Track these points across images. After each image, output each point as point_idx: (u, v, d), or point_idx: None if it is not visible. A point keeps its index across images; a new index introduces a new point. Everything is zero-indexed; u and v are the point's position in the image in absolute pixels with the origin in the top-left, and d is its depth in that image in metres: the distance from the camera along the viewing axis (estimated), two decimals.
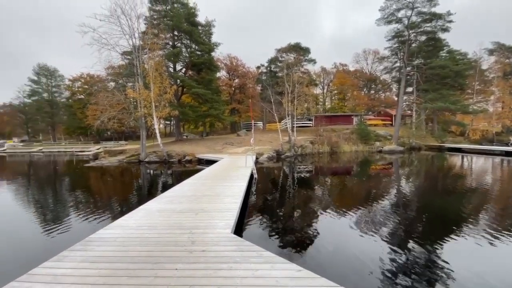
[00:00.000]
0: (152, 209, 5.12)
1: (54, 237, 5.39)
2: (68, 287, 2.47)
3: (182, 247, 3.36)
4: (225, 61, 46.66)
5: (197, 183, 7.90)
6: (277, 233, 5.42)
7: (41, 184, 12.82)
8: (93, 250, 3.28)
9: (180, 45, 29.32)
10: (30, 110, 53.81)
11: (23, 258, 4.39)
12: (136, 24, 19.20)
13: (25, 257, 4.47)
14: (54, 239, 5.31)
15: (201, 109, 29.76)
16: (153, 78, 18.87)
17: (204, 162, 18.02)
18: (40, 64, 52.16)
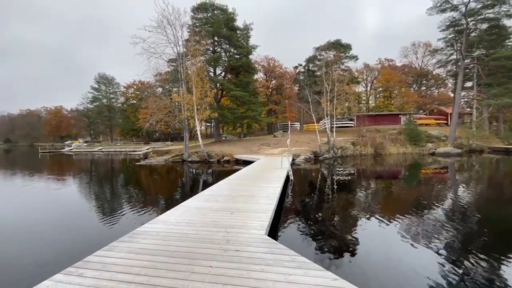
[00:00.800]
0: (191, 207, 5.38)
1: (107, 228, 6.04)
2: (115, 275, 2.72)
3: (217, 245, 3.45)
4: (262, 62, 47.09)
5: (234, 183, 8.08)
6: (313, 238, 5.24)
7: (100, 179, 14.52)
8: (138, 243, 3.57)
9: (220, 50, 30.49)
10: (92, 114, 61.61)
11: (81, 246, 4.99)
12: (180, 33, 20.58)
13: (82, 244, 5.08)
14: (107, 229, 5.95)
15: (239, 111, 30.49)
16: (195, 82, 19.95)
17: (241, 163, 18.38)
18: (100, 73, 59.43)
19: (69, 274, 2.75)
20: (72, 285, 2.56)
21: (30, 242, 5.31)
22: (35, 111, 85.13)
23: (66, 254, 4.54)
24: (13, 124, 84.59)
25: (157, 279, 2.61)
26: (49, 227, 6.35)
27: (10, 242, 5.34)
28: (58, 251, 4.81)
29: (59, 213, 7.68)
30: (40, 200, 9.44)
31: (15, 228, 6.27)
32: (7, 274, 3.95)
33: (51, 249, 4.91)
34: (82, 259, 3.06)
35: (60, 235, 5.80)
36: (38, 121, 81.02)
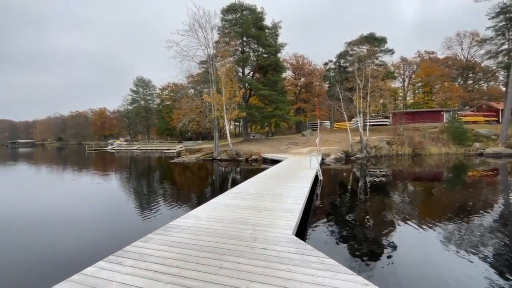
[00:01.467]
0: (220, 203, 5.54)
1: (143, 220, 6.47)
2: (150, 266, 2.92)
3: (244, 242, 3.51)
4: (291, 60, 46.54)
5: (261, 182, 8.13)
6: (343, 240, 5.05)
7: (138, 175, 15.60)
8: (171, 236, 3.78)
9: (248, 50, 30.78)
10: (131, 115, 66.35)
11: (120, 236, 5.42)
12: (210, 35, 21.21)
13: (121, 235, 5.51)
14: (143, 221, 6.37)
15: (267, 110, 30.54)
16: (224, 83, 20.43)
17: (269, 162, 18.40)
18: (138, 77, 63.74)
19: (110, 262, 3.01)
20: (113, 272, 2.79)
21: (76, 231, 5.90)
22: (83, 113, 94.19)
23: (107, 243, 4.97)
24: (64, 124, 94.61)
25: (187, 272, 2.74)
26: (92, 218, 7.00)
27: (58, 231, 5.99)
28: (100, 240, 5.28)
29: (102, 205, 8.43)
30: (85, 193, 10.44)
31: (63, 218, 7.02)
32: (56, 260, 4.44)
33: (94, 238, 5.41)
34: (121, 249, 3.33)
35: (103, 225, 6.36)
36: (85, 121, 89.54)
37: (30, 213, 7.46)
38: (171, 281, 2.58)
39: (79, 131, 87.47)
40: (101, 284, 2.56)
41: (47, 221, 6.72)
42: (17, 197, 9.85)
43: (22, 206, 8.31)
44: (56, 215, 7.31)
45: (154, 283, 2.54)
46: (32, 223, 6.52)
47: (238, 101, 21.50)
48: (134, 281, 2.61)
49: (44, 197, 9.87)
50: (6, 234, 5.77)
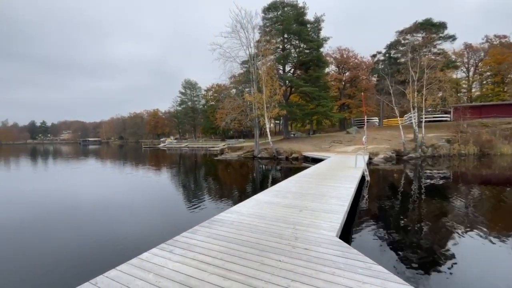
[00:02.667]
0: (261, 201, 5.61)
1: (190, 212, 6.93)
2: (197, 256, 3.11)
3: (286, 240, 3.50)
4: (334, 54, 44.51)
5: (302, 181, 7.97)
6: (392, 247, 4.66)
7: (185, 170, 16.76)
8: (216, 229, 3.97)
9: (289, 47, 30.38)
10: (180, 115, 71.32)
11: (170, 226, 5.88)
12: (251, 35, 21.54)
13: (171, 225, 5.98)
14: (190, 214, 6.82)
15: (308, 107, 29.79)
16: (265, 81, 20.57)
17: (310, 160, 17.94)
18: (186, 79, 68.15)
19: (162, 249, 3.30)
20: (165, 259, 3.05)
21: (133, 219, 6.61)
22: (139, 114, 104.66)
23: (159, 231, 5.45)
24: (124, 124, 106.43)
25: (231, 265, 2.84)
26: (146, 208, 7.76)
27: (119, 219, 6.78)
28: (153, 228, 5.83)
29: (154, 197, 9.28)
30: (140, 186, 11.61)
31: (122, 207, 7.92)
32: (116, 244, 5.03)
33: (148, 226, 5.99)
34: (172, 238, 3.62)
35: (155, 215, 7.00)
36: (141, 121, 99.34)
37: (95, 201, 8.63)
38: (216, 272, 2.71)
39: (137, 130, 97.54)
40: (155, 269, 2.82)
41: (109, 208, 7.69)
42: (85, 188, 11.48)
43: (89, 195, 9.66)
44: (116, 204, 8.30)
45: (200, 273, 2.71)
46: (97, 210, 7.54)
47: (279, 99, 21.43)
48: (183, 268, 2.81)
49: (107, 188, 11.30)
50: (76, 220, 6.77)
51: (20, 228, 6.07)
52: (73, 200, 8.90)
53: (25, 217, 6.98)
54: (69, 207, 7.92)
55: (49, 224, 6.39)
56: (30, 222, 6.52)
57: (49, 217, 6.97)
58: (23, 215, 7.12)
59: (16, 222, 6.54)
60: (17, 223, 6.43)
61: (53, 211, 7.59)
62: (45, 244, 5.14)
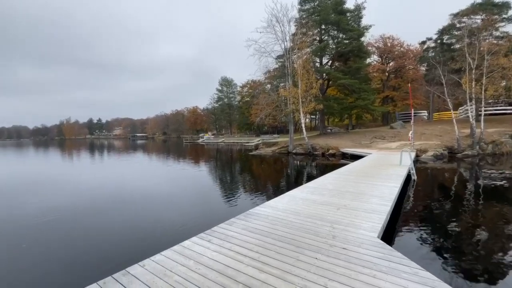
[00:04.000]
0: (296, 197, 5.54)
1: (226, 205, 7.16)
2: (234, 247, 3.21)
3: (322, 238, 3.41)
4: (377, 43, 41.41)
5: (340, 178, 7.66)
6: (441, 252, 4.22)
7: (222, 164, 17.35)
8: (251, 222, 4.04)
9: (327, 38, 29.15)
10: (217, 112, 73.88)
11: (209, 217, 6.15)
12: (287, 28, 21.16)
13: (209, 216, 6.25)
14: (226, 206, 7.05)
15: (347, 100, 28.37)
16: (300, 75, 20.09)
17: (349, 157, 17.13)
18: (222, 77, 70.11)
19: (202, 239, 3.48)
20: (204, 248, 3.21)
21: (174, 209, 7.07)
22: (181, 111, 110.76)
23: (198, 221, 5.75)
24: (167, 121, 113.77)
25: (266, 258, 2.87)
26: (186, 199, 8.23)
27: (162, 207, 7.30)
28: (192, 218, 6.16)
29: (193, 188, 9.80)
30: (181, 177, 12.34)
31: (165, 197, 8.51)
32: (161, 232, 5.43)
33: (188, 217, 6.34)
34: (210, 228, 3.79)
35: (194, 206, 7.39)
36: (182, 118, 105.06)
37: (142, 190, 9.43)
38: (251, 264, 2.76)
39: (178, 126, 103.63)
40: (195, 256, 2.99)
41: (154, 197, 8.33)
42: (134, 178, 12.60)
43: (136, 185, 10.59)
44: (160, 193, 8.97)
45: (236, 263, 2.79)
46: (143, 198, 8.23)
47: (315, 93, 20.76)
48: (220, 258, 2.93)
49: (152, 179, 12.24)
50: (126, 206, 7.48)
51: (79, 213, 6.94)
52: (123, 189, 9.88)
53: (83, 203, 7.96)
54: (119, 195, 8.82)
55: (102, 210, 7.19)
56: (88, 207, 7.42)
57: (102, 203, 7.84)
58: (82, 201, 8.13)
59: (77, 207, 7.49)
60: (78, 209, 7.36)
61: (106, 198, 8.53)
62: (100, 227, 5.80)
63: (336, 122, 53.97)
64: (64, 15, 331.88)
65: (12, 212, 7.08)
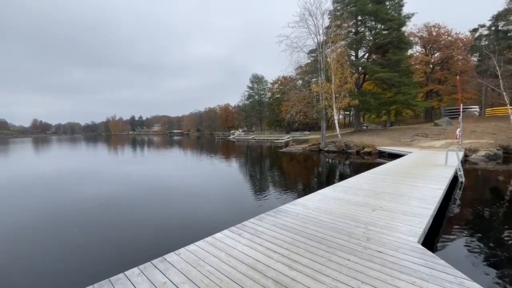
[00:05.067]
0: (328, 196, 5.38)
1: (255, 201, 7.23)
2: (264, 242, 3.25)
3: (356, 239, 3.28)
4: (420, 33, 38.06)
5: (376, 178, 7.25)
6: (490, 262, 3.78)
7: (252, 160, 17.55)
8: (281, 219, 4.04)
9: (364, 29, 27.60)
10: (248, 109, 74.62)
11: (239, 212, 6.28)
12: (321, 21, 20.48)
13: (239, 210, 6.38)
14: (255, 202, 7.13)
15: (385, 95, 26.63)
16: (334, 70, 19.35)
17: (386, 156, 16.13)
18: (253, 74, 70.45)
19: (233, 232, 3.58)
20: (235, 241, 3.30)
21: (206, 202, 7.34)
22: (213, 109, 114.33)
23: (228, 215, 5.92)
24: (201, 118, 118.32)
25: (296, 256, 2.86)
26: (217, 192, 8.50)
27: (194, 201, 7.63)
28: (223, 212, 6.35)
29: (224, 183, 10.08)
30: (212, 172, 12.76)
31: (196, 190, 8.88)
32: (194, 223, 5.68)
33: (219, 210, 6.55)
34: (240, 223, 3.88)
35: (225, 200, 7.61)
36: (215, 115, 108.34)
37: (177, 183, 9.96)
38: (281, 260, 2.77)
39: (211, 123, 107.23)
40: (226, 249, 3.09)
41: (187, 191, 8.76)
42: (169, 171, 13.35)
43: (171, 178, 11.22)
44: (193, 187, 9.39)
45: (266, 258, 2.82)
46: (177, 191, 8.70)
47: (350, 87, 19.83)
48: (250, 252, 2.99)
49: (186, 173, 12.87)
50: (162, 198, 7.97)
51: (122, 201, 7.58)
52: (160, 181, 10.57)
53: (125, 192, 8.68)
54: (157, 187, 9.45)
55: (141, 200, 7.77)
56: (129, 197, 8.07)
57: (142, 194, 8.47)
58: (124, 191, 8.87)
59: (120, 196, 8.20)
60: (121, 198, 8.05)
61: (145, 189, 9.19)
62: (139, 215, 6.28)
63: (372, 119, 50.98)
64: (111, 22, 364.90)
65: (66, 198, 8.00)
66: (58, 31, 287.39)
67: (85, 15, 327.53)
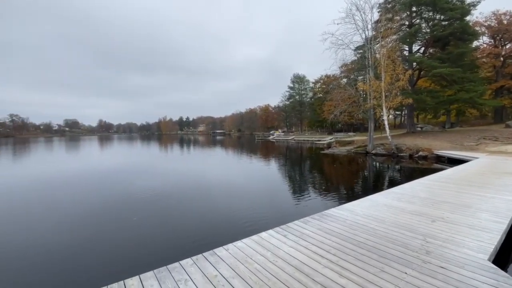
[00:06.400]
0: (379, 202, 5.05)
1: (299, 203, 7.13)
2: (310, 246, 3.20)
3: (413, 252, 3.02)
4: (487, 22, 32.98)
5: (435, 185, 6.54)
6: None
7: (294, 162, 17.36)
8: (327, 223, 3.93)
9: (419, 21, 25.08)
10: (288, 109, 73.99)
11: (282, 213, 6.28)
12: (369, 16, 19.28)
13: (281, 212, 6.37)
14: (299, 204, 7.03)
15: (444, 93, 23.79)
16: (384, 66, 18.00)
17: (445, 161, 14.42)
18: (295, 74, 69.63)
19: (278, 233, 3.62)
20: (280, 242, 3.33)
21: (249, 201, 7.50)
22: (254, 109, 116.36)
23: (272, 216, 5.96)
24: (242, 118, 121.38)
25: (345, 263, 2.76)
26: (259, 193, 8.61)
27: (237, 200, 7.85)
28: (266, 212, 6.41)
29: (266, 183, 10.16)
30: (255, 172, 12.96)
31: (240, 189, 9.12)
32: (238, 221, 5.85)
33: (262, 210, 6.62)
34: (285, 224, 3.89)
35: (267, 200, 7.67)
36: (255, 116, 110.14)
37: (221, 181, 10.39)
38: (329, 266, 2.70)
39: (251, 124, 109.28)
40: (272, 249, 3.14)
41: (231, 189, 9.07)
42: (214, 170, 13.99)
43: (216, 176, 11.73)
44: (236, 186, 9.69)
45: (313, 263, 2.78)
46: (221, 189, 9.06)
47: (402, 85, 18.17)
48: (296, 254, 2.98)
49: (230, 171, 13.32)
50: (208, 195, 8.39)
51: (173, 195, 8.21)
52: (206, 178, 11.17)
53: (175, 187, 9.38)
54: (204, 183, 10.01)
55: (190, 195, 8.30)
56: (178, 191, 8.70)
57: (190, 189, 9.06)
58: (175, 187, 9.60)
59: (171, 190, 8.90)
60: (173, 192, 8.73)
61: (193, 184, 9.81)
62: (189, 209, 6.73)
63: (428, 119, 45.95)
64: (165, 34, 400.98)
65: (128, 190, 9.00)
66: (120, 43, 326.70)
67: (143, 27, 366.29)
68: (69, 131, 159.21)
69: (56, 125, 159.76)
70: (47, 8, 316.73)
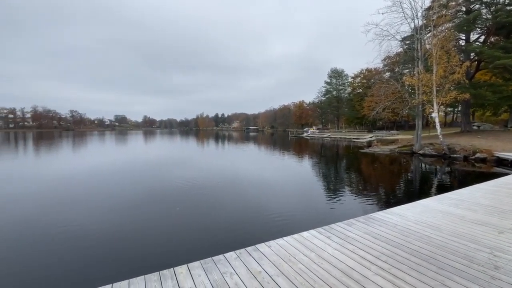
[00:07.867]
0: (433, 208, 4.60)
1: (340, 204, 6.84)
2: (356, 250, 3.04)
3: (478, 266, 2.68)
4: None
5: (500, 192, 5.74)
6: None
7: (331, 161, 16.76)
8: (374, 227, 3.70)
9: (479, 7, 22.13)
10: (324, 106, 71.58)
11: (322, 214, 6.09)
12: (420, 3, 17.68)
13: (319, 212, 6.18)
14: (339, 206, 6.75)
15: (507, 87, 20.79)
16: (436, 58, 16.30)
17: (509, 164, 12.62)
18: (332, 68, 66.91)
19: (320, 233, 3.51)
20: (324, 243, 3.22)
21: (286, 200, 7.42)
22: (287, 106, 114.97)
23: (311, 216, 5.83)
24: (275, 115, 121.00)
25: (399, 272, 2.56)
26: (296, 192, 8.47)
27: (275, 198, 7.81)
28: (305, 211, 6.29)
29: (303, 182, 9.96)
30: (291, 170, 12.80)
31: (276, 187, 9.07)
32: (277, 220, 5.82)
33: (300, 209, 6.51)
34: (328, 225, 3.76)
35: (305, 200, 7.51)
36: (289, 113, 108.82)
37: (257, 179, 10.47)
38: (380, 274, 2.53)
39: (284, 121, 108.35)
40: (316, 249, 3.05)
41: (267, 187, 9.08)
42: (249, 167, 14.16)
43: (251, 174, 11.85)
44: (273, 183, 9.67)
45: (362, 268, 2.63)
46: (258, 186, 9.12)
47: (458, 78, 16.26)
48: (342, 258, 2.85)
49: (267, 169, 13.37)
50: (245, 192, 8.51)
51: (216, 190, 8.51)
52: (244, 175, 11.37)
53: (215, 182, 9.72)
54: (241, 180, 10.20)
55: (229, 191, 8.53)
56: (217, 187, 8.99)
57: (228, 185, 9.30)
58: (216, 181, 9.95)
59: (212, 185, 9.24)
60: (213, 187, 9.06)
61: (231, 181, 10.06)
62: (228, 204, 6.91)
63: (487, 117, 40.60)
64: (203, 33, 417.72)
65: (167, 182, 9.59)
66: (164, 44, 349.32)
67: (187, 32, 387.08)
68: (118, 125, 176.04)
69: (108, 120, 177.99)
70: (105, 15, 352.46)
